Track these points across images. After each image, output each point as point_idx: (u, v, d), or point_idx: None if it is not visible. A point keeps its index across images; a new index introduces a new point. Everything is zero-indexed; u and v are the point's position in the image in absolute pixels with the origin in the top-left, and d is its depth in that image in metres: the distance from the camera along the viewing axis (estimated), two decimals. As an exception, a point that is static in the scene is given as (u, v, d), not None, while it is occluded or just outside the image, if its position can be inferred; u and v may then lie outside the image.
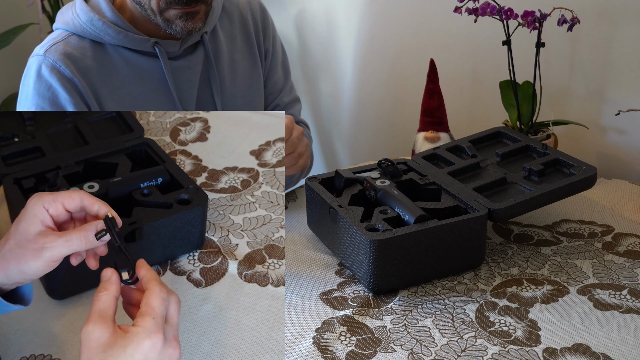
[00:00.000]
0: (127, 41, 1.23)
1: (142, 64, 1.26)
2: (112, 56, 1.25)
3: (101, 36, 1.23)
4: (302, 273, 1.17)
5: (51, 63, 1.21)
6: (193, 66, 1.30)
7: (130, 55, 1.25)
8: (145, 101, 1.27)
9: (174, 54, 1.28)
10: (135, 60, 1.25)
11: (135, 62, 1.25)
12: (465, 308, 1.06)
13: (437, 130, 1.51)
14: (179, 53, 1.28)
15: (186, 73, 1.29)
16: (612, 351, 0.96)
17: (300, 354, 0.97)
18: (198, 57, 1.31)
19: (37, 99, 1.22)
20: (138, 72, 1.26)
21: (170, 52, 1.27)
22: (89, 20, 1.22)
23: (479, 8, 1.42)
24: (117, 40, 1.23)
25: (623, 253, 1.20)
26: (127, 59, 1.25)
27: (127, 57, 1.25)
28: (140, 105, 1.27)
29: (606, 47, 1.59)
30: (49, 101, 1.22)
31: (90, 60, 1.23)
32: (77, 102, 1.22)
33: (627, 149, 1.64)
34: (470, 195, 1.18)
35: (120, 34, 1.23)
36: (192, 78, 1.30)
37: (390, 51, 1.89)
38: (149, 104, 1.27)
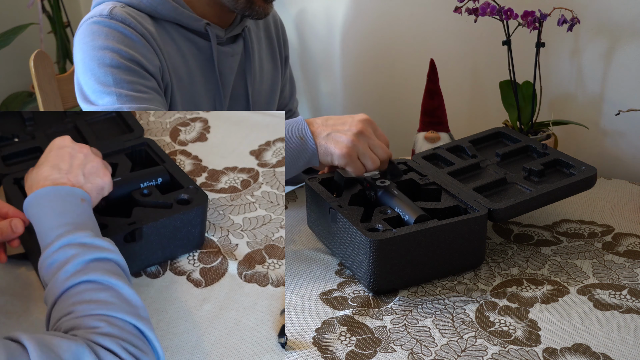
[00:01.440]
0: (182, 18, 1.26)
1: (191, 42, 1.29)
2: (167, 29, 1.27)
3: (158, 10, 1.24)
4: (302, 273, 1.17)
5: (122, 19, 1.19)
6: (234, 54, 1.34)
7: (183, 32, 1.28)
8: (192, 77, 1.29)
9: (220, 39, 1.32)
10: (187, 37, 1.28)
11: (187, 38, 1.28)
12: (465, 308, 1.06)
13: (437, 130, 1.51)
14: (223, 40, 1.32)
15: (228, 60, 1.33)
16: (612, 351, 0.96)
17: (300, 354, 0.97)
18: (238, 47, 1.35)
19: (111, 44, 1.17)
20: (188, 49, 1.29)
21: (217, 36, 1.31)
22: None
23: (479, 8, 1.42)
24: (172, 15, 1.25)
25: (623, 253, 1.20)
26: (180, 34, 1.28)
27: (180, 33, 1.28)
28: (189, 80, 1.29)
29: (606, 47, 1.59)
30: (125, 46, 1.17)
31: (152, 27, 1.24)
32: (153, 53, 1.21)
33: (627, 149, 1.64)
34: (470, 195, 1.18)
35: (177, 10, 1.25)
36: (233, 66, 1.34)
37: (390, 51, 1.89)
38: (195, 81, 1.30)
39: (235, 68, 1.35)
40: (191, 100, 1.31)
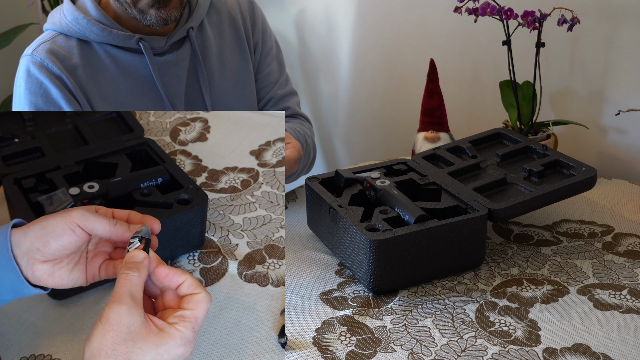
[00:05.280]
0: (111, 38, 1.24)
1: (128, 61, 1.27)
2: (98, 53, 1.26)
3: (86, 34, 1.24)
4: (302, 273, 1.17)
5: (39, 61, 1.23)
6: (179, 61, 1.30)
7: (116, 52, 1.26)
8: (132, 97, 1.27)
9: (160, 49, 1.28)
10: (121, 56, 1.26)
11: (121, 58, 1.26)
12: (465, 308, 1.06)
13: (437, 130, 1.51)
14: (165, 49, 1.29)
15: (172, 69, 1.30)
16: (612, 351, 0.96)
17: (300, 354, 0.97)
18: (185, 52, 1.31)
19: (31, 97, 1.23)
20: (124, 69, 1.27)
21: (156, 47, 1.27)
22: (74, 19, 1.24)
23: (479, 8, 1.42)
24: (101, 37, 1.24)
25: (623, 253, 1.20)
26: (113, 55, 1.26)
27: (113, 54, 1.26)
28: (128, 102, 1.27)
29: (606, 47, 1.59)
30: (42, 98, 1.23)
31: (77, 58, 1.24)
32: (69, 97, 1.23)
33: (627, 149, 1.64)
34: (470, 196, 1.18)
35: (105, 31, 1.24)
36: (179, 73, 1.31)
37: (390, 51, 1.89)
38: (136, 100, 1.28)
39: (184, 74, 1.31)
40: None
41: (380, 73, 1.92)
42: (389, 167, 1.30)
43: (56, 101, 1.23)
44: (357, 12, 1.88)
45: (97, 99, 1.25)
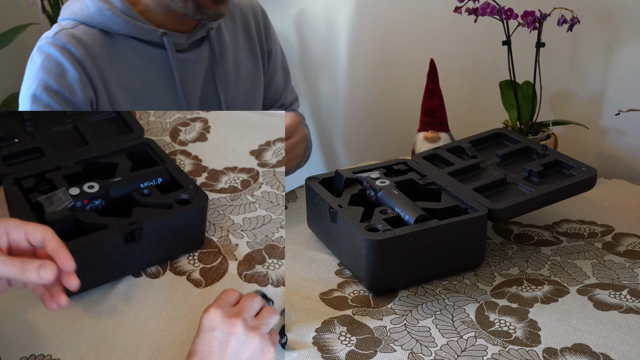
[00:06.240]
0: (135, 30, 1.24)
1: (150, 55, 1.27)
2: (120, 45, 1.25)
3: (110, 25, 1.23)
4: (302, 273, 1.17)
5: (61, 44, 1.21)
6: (199, 60, 1.31)
7: (138, 45, 1.26)
8: (149, 92, 1.27)
9: (181, 46, 1.29)
10: (143, 50, 1.26)
11: (142, 52, 1.26)
12: (465, 308, 1.06)
13: (437, 130, 1.52)
14: (185, 46, 1.29)
15: (191, 67, 1.30)
16: (612, 351, 0.96)
17: (300, 354, 0.97)
18: (204, 52, 1.32)
19: (43, 75, 1.20)
20: (145, 62, 1.26)
21: (177, 44, 1.28)
22: (98, 9, 1.23)
23: (479, 8, 1.42)
24: (125, 30, 1.24)
25: (623, 253, 1.20)
26: (135, 48, 1.26)
27: (135, 47, 1.26)
28: (144, 95, 1.27)
29: (606, 47, 1.59)
30: (55, 77, 1.20)
31: (99, 47, 1.23)
32: (85, 83, 1.21)
33: (627, 149, 1.64)
34: (470, 196, 1.18)
35: (129, 24, 1.23)
36: (197, 72, 1.31)
37: (390, 51, 1.89)
38: (153, 95, 1.28)
39: (202, 73, 1.32)
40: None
41: (380, 73, 1.92)
42: (389, 167, 1.30)
43: (70, 84, 1.21)
44: (357, 12, 1.88)
45: (115, 89, 1.25)
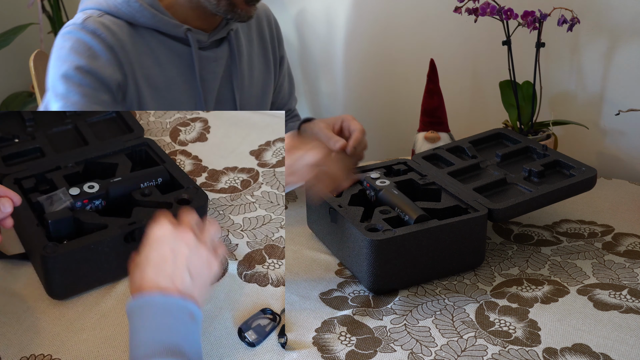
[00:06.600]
0: (161, 24, 1.25)
1: (173, 49, 1.27)
2: (145, 37, 1.25)
3: (136, 17, 1.23)
4: (302, 273, 1.17)
5: (92, 30, 1.20)
6: (218, 59, 1.32)
7: (162, 39, 1.27)
8: (170, 85, 1.28)
9: (202, 44, 1.30)
10: (167, 44, 1.27)
11: (166, 45, 1.27)
12: (465, 308, 1.06)
13: (437, 130, 1.51)
14: (206, 44, 1.30)
15: (211, 65, 1.31)
16: (612, 351, 0.96)
17: (300, 354, 0.97)
18: (223, 51, 1.33)
19: (74, 57, 1.18)
20: (168, 56, 1.27)
21: (200, 41, 1.29)
22: (126, 1, 1.23)
23: (479, 8, 1.42)
24: (151, 23, 1.24)
25: (623, 253, 1.20)
26: (159, 41, 1.26)
27: (159, 40, 1.26)
28: (166, 89, 1.27)
29: (606, 47, 1.59)
30: (87, 59, 1.18)
31: (127, 36, 1.23)
32: (116, 67, 1.20)
33: (627, 149, 1.64)
34: (470, 196, 1.18)
35: (156, 17, 1.24)
36: (216, 70, 1.32)
37: (390, 51, 1.89)
38: (173, 89, 1.28)
39: (220, 72, 1.33)
40: (170, 109, 1.30)
41: (380, 73, 1.92)
42: (389, 167, 1.30)
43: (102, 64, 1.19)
44: (357, 12, 1.88)
45: (141, 78, 1.24)
